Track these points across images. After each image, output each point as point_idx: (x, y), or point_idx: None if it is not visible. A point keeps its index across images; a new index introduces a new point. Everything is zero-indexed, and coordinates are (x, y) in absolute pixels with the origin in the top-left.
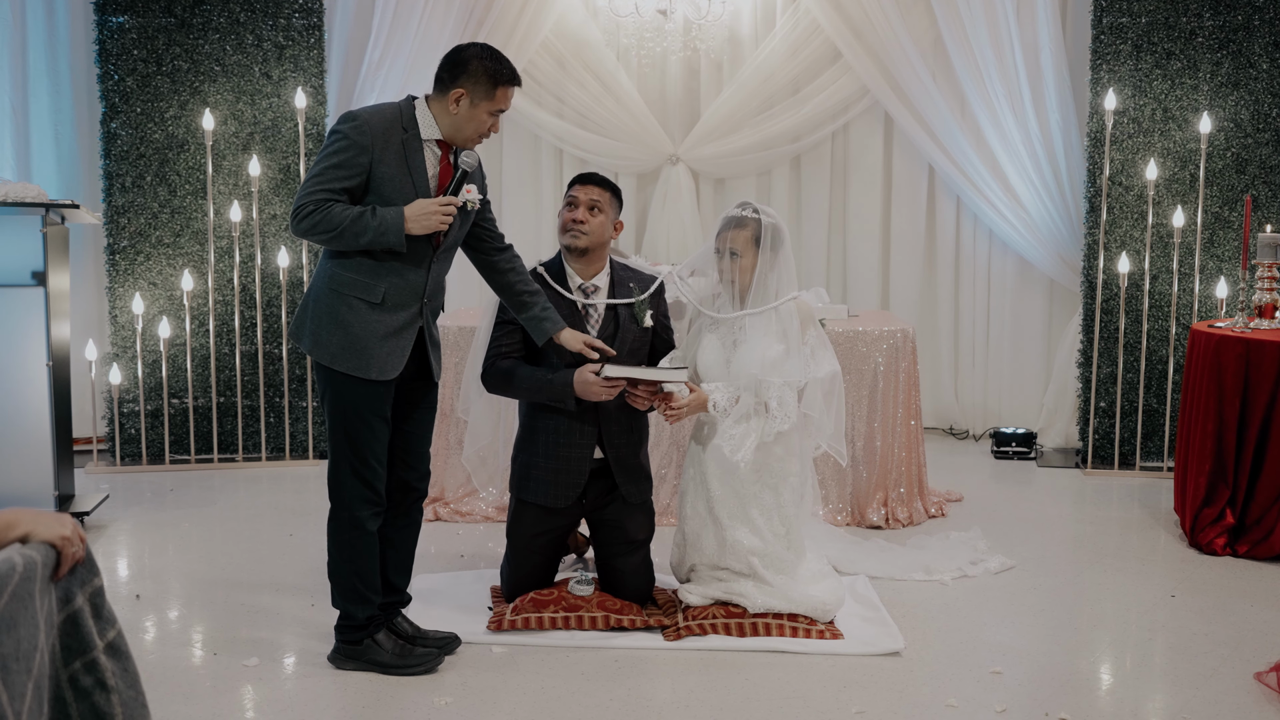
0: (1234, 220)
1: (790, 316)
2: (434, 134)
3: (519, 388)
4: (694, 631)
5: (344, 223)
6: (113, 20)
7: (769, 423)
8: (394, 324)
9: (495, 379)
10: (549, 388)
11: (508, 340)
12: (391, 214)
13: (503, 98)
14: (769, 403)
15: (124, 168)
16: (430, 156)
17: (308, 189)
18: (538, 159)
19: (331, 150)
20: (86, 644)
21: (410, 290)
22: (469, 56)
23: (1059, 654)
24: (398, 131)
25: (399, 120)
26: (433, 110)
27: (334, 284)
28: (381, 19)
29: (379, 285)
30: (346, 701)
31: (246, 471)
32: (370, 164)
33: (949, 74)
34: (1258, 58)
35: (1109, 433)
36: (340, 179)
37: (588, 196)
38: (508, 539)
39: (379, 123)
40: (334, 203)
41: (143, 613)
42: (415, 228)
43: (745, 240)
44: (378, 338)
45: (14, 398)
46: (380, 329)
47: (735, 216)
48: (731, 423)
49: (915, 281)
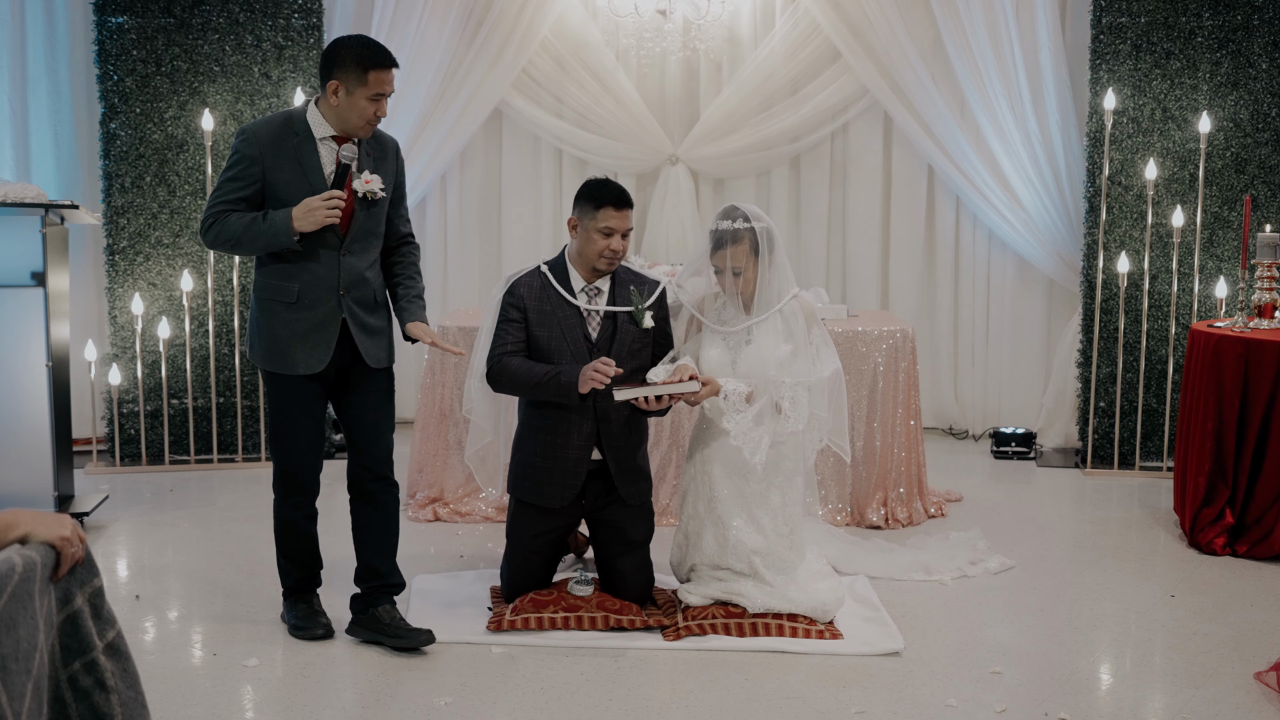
0: (1233, 220)
1: (794, 316)
2: (326, 130)
3: (523, 384)
4: (694, 631)
5: (240, 230)
6: (112, 21)
7: (782, 423)
8: (313, 320)
9: (500, 376)
10: (555, 382)
11: (512, 336)
12: (281, 215)
13: (377, 81)
14: (781, 403)
15: (123, 168)
16: (326, 153)
17: (209, 204)
18: (537, 159)
19: (227, 165)
20: (86, 644)
21: (324, 285)
22: (339, 47)
23: (1059, 654)
24: (289, 137)
25: (289, 126)
26: (320, 108)
27: (257, 290)
28: (381, 19)
29: (293, 285)
30: (346, 702)
31: (246, 471)
32: (263, 172)
33: (948, 74)
34: (1257, 57)
35: (1109, 433)
36: (235, 190)
37: (624, 225)
38: (507, 539)
39: (267, 132)
40: (231, 213)
41: (143, 613)
42: (303, 225)
43: (745, 254)
44: (298, 335)
45: (14, 398)
46: (300, 327)
47: (729, 231)
48: (750, 424)
49: (915, 281)
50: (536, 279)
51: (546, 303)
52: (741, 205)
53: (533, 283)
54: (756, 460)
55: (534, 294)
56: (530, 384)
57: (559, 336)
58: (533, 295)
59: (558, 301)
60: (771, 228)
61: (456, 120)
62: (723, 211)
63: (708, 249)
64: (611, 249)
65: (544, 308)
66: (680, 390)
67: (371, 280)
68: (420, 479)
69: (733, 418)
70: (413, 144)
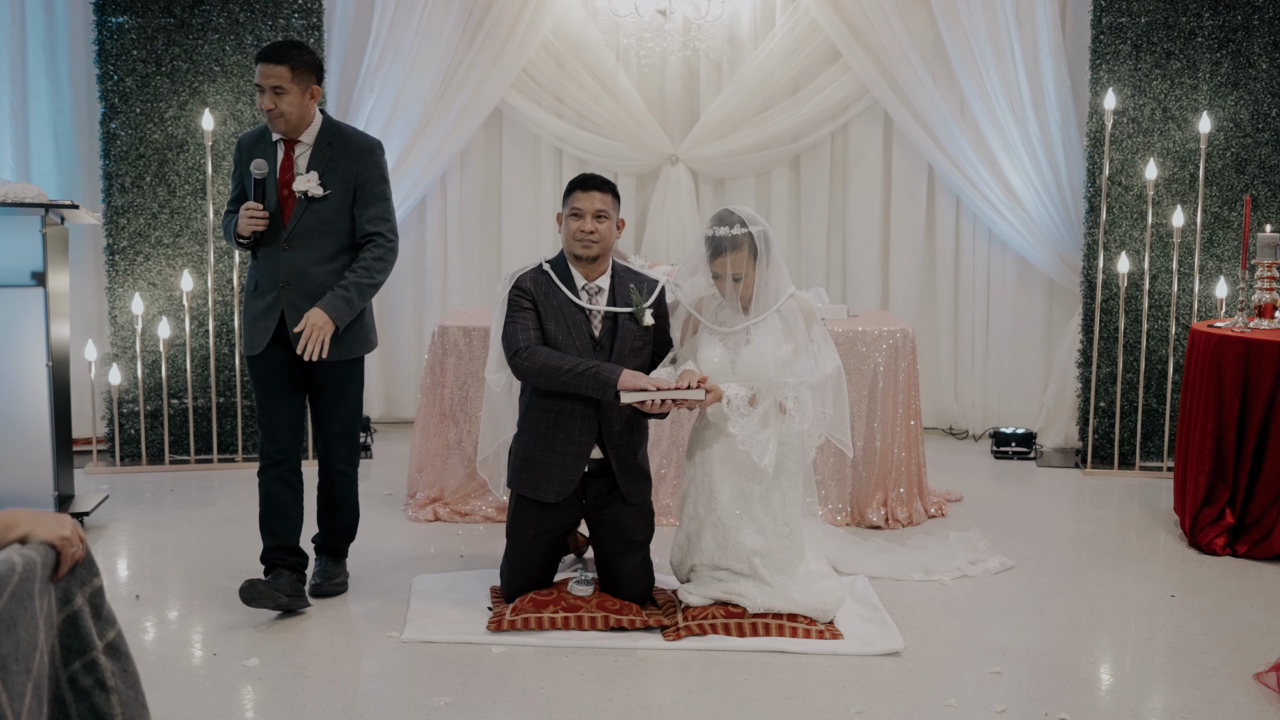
0: (1233, 220)
1: (794, 315)
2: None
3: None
4: (694, 631)
5: (223, 231)
6: (112, 20)
7: (787, 423)
8: (261, 306)
9: (530, 362)
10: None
11: (531, 324)
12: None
13: (259, 75)
14: (785, 403)
15: (123, 168)
16: (279, 155)
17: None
18: (537, 159)
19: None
20: (86, 644)
21: (271, 277)
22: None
23: (1059, 654)
24: (263, 141)
25: (266, 131)
26: None
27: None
28: (381, 19)
29: (254, 275)
30: (346, 701)
31: (246, 471)
32: (242, 176)
33: (948, 74)
34: (1257, 58)
35: (1109, 433)
36: (233, 195)
37: (593, 206)
38: (507, 539)
39: (249, 140)
40: (229, 215)
41: (143, 613)
42: (242, 228)
43: (744, 260)
44: (252, 318)
45: (14, 398)
46: (252, 312)
47: (728, 237)
48: (756, 428)
49: (915, 281)
50: (541, 276)
51: (552, 298)
52: (736, 209)
53: (538, 279)
54: (765, 463)
55: (540, 289)
56: (564, 372)
57: (565, 331)
58: (539, 290)
59: (562, 299)
60: (768, 229)
61: (456, 120)
62: (718, 217)
63: (705, 255)
64: (583, 230)
65: (550, 303)
66: (685, 396)
67: (318, 275)
68: (420, 479)
69: (738, 422)
70: (413, 144)
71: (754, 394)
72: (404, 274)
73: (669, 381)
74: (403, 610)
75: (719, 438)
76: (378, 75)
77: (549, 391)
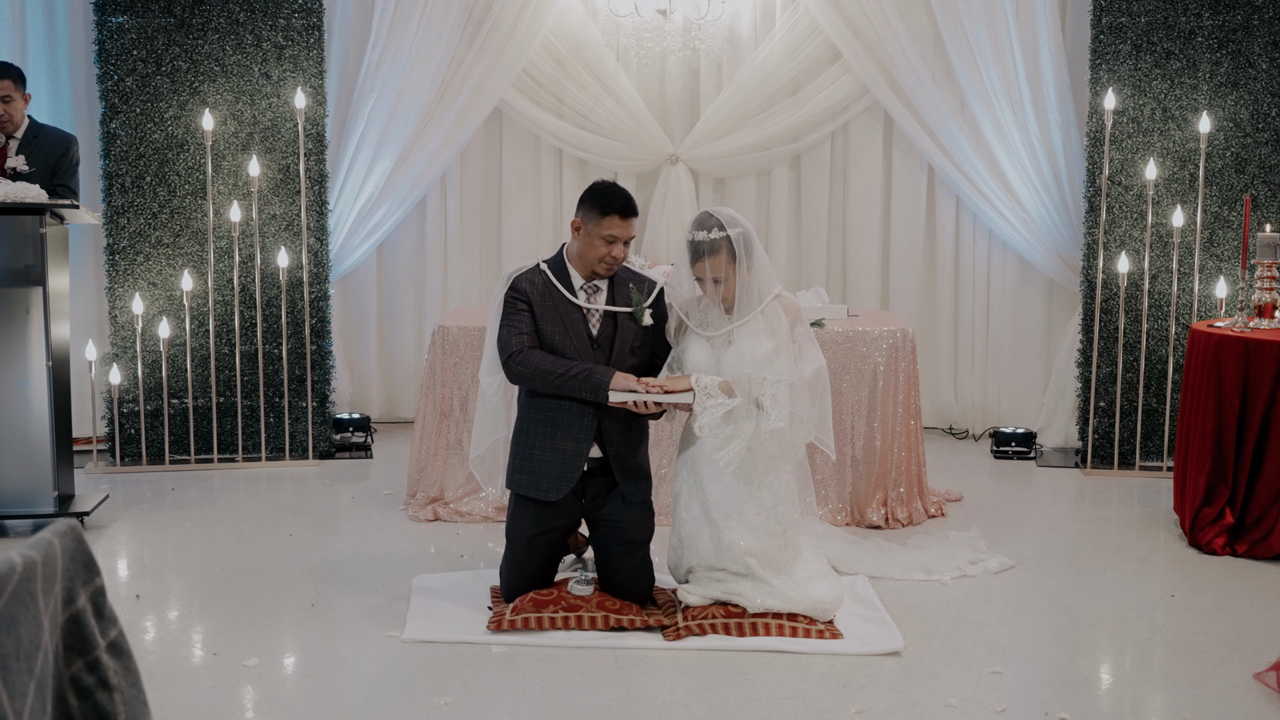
0: (1233, 220)
1: (777, 315)
2: None
3: (548, 375)
4: (694, 631)
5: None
6: (112, 20)
7: (762, 420)
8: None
9: (523, 365)
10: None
11: (526, 326)
12: None
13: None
14: (762, 400)
15: (123, 168)
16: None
17: None
18: (537, 159)
19: None
20: (89, 643)
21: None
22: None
23: (1059, 654)
24: None
25: None
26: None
27: None
28: (381, 19)
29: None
30: (346, 701)
31: (246, 471)
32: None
33: (948, 74)
34: (1257, 57)
35: (1108, 432)
36: None
37: (628, 234)
38: (507, 539)
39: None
40: None
41: (143, 613)
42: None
43: (724, 264)
44: None
45: (14, 398)
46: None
47: (705, 241)
48: (719, 420)
49: (915, 281)
50: (538, 276)
51: (549, 299)
52: (716, 212)
53: (535, 279)
54: (719, 455)
55: (537, 290)
56: (556, 376)
57: (563, 332)
58: (536, 291)
59: (560, 299)
60: (748, 231)
61: (456, 120)
62: (697, 221)
63: (687, 259)
64: (613, 255)
65: (547, 303)
66: (675, 400)
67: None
68: (420, 479)
69: (703, 403)
70: (413, 144)
71: (725, 380)
72: (404, 274)
73: (659, 383)
74: (403, 610)
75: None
76: (378, 75)
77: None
